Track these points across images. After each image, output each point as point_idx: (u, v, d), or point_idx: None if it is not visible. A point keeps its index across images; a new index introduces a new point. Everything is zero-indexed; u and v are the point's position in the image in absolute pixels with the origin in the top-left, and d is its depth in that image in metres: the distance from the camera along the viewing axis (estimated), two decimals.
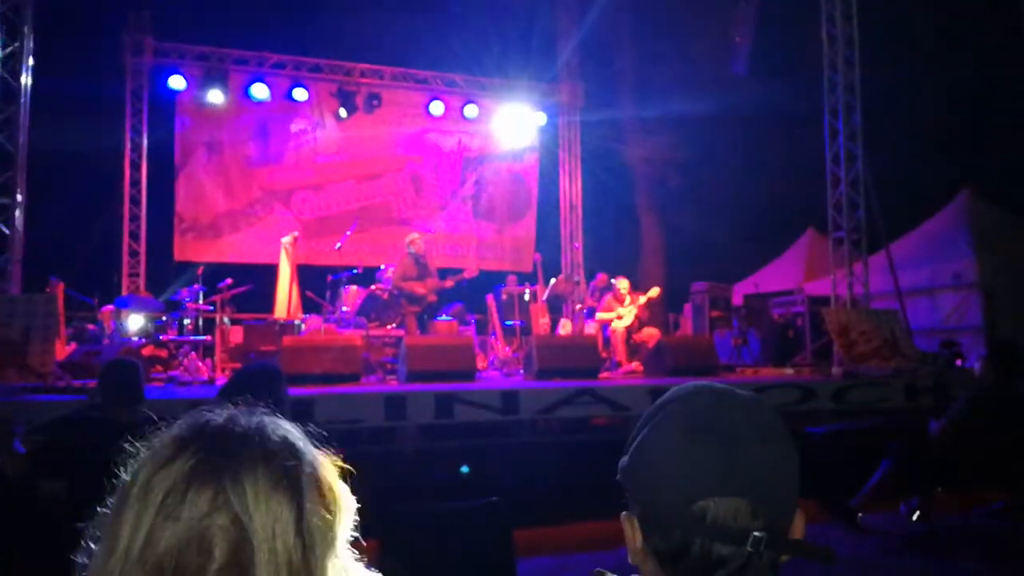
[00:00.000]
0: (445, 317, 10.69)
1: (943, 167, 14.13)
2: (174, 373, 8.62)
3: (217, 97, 12.74)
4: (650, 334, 10.00)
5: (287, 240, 11.42)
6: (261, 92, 12.97)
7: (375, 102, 13.62)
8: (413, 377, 7.67)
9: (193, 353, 9.36)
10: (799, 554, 0.97)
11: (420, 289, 9.39)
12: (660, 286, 10.85)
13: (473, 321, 11.30)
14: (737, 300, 13.10)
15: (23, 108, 8.22)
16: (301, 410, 6.12)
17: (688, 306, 13.37)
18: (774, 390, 7.58)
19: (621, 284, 10.37)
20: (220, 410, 0.94)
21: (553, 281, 11.52)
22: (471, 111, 14.18)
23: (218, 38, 13.21)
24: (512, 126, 14.60)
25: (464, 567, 3.17)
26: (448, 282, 9.68)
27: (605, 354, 9.98)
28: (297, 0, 14.75)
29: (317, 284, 10.92)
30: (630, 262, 16.53)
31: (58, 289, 9.22)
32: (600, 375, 8.54)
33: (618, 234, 17.56)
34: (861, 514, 5.82)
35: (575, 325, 11.38)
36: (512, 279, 12.31)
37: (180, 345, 9.43)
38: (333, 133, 13.86)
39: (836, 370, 9.22)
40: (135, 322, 9.24)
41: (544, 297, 11.33)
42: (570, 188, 15.43)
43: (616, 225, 17.59)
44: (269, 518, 0.84)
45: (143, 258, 12.52)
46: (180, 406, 5.80)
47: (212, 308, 9.77)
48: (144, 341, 9.17)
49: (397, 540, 3.11)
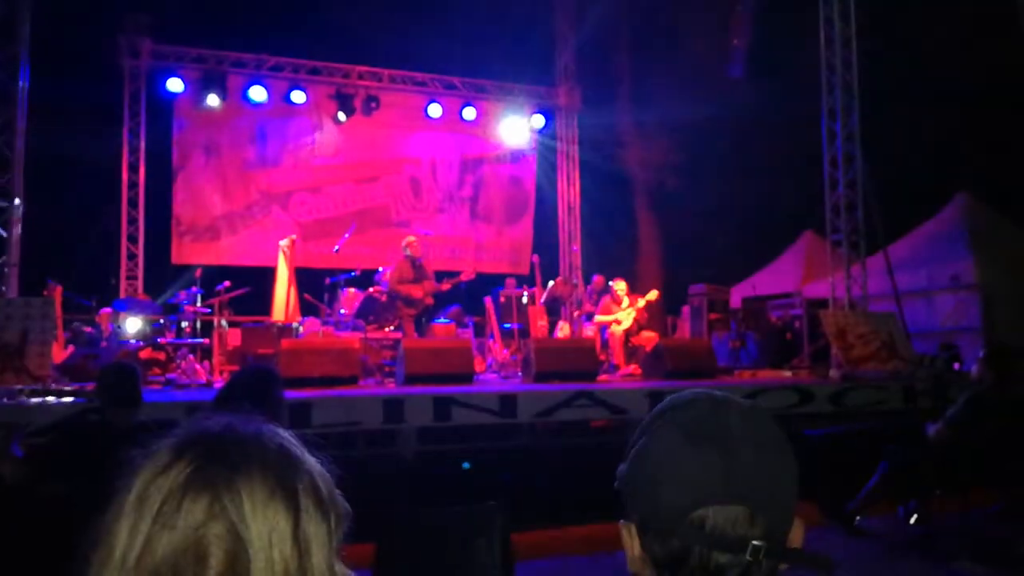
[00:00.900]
0: (443, 320, 10.69)
1: (941, 169, 14.15)
2: (172, 376, 8.61)
3: (215, 100, 12.74)
4: (648, 337, 10.01)
5: (285, 243, 11.42)
6: (259, 94, 12.97)
7: (373, 104, 13.62)
8: (411, 380, 7.67)
9: (191, 356, 9.35)
10: (797, 562, 0.97)
11: (417, 292, 9.39)
12: (658, 288, 10.85)
13: (471, 324, 11.30)
14: (735, 303, 13.12)
15: (20, 112, 8.22)
16: (299, 413, 6.13)
17: (686, 308, 13.39)
18: (772, 393, 7.58)
19: (619, 287, 10.37)
20: (217, 418, 0.94)
21: (551, 284, 11.52)
22: (469, 113, 14.19)
23: (216, 40, 13.20)
24: (510, 128, 14.63)
25: (462, 571, 3.17)
26: (445, 285, 9.69)
27: (603, 357, 9.98)
28: (295, 2, 14.72)
29: (315, 287, 10.92)
30: (628, 264, 16.53)
31: (56, 292, 9.21)
32: (598, 378, 8.54)
33: (616, 236, 17.56)
34: (859, 517, 5.82)
35: (573, 328, 11.38)
36: (510, 281, 12.31)
37: (178, 348, 9.42)
38: (331, 135, 13.87)
39: (834, 373, 9.23)
40: (133, 325, 9.22)
41: (542, 300, 11.33)
42: (568, 190, 15.44)
43: (614, 227, 17.58)
44: (265, 527, 0.84)
45: (141, 261, 12.52)
46: (178, 409, 5.81)
47: (210, 311, 9.76)
48: (142, 344, 9.16)
49: (394, 544, 3.11)
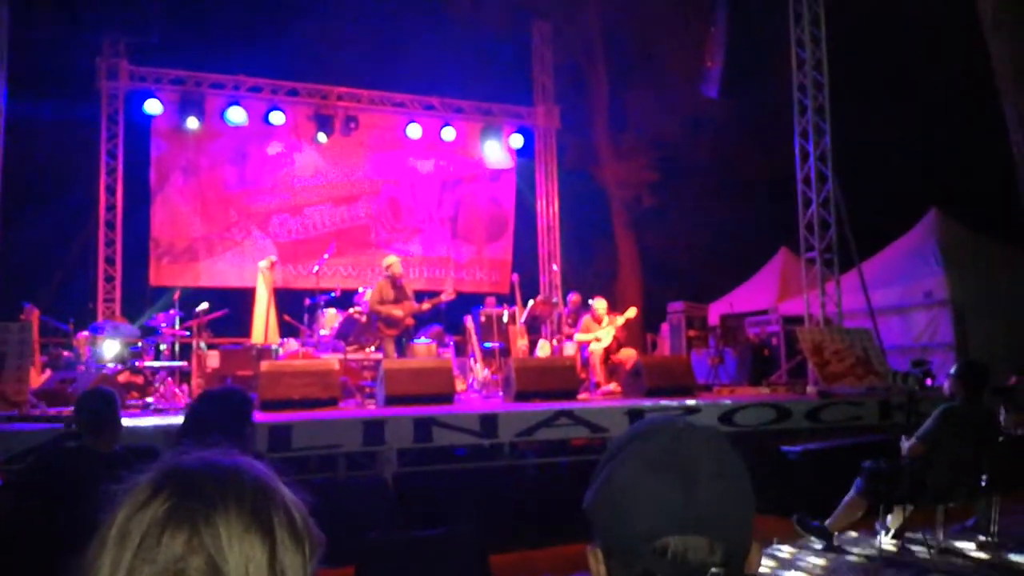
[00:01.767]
0: (423, 339, 10.69)
1: (912, 186, 14.39)
2: (150, 400, 8.55)
3: (193, 121, 12.74)
4: (628, 355, 10.06)
5: (264, 264, 11.40)
6: (238, 116, 12.98)
7: (352, 125, 13.68)
8: (391, 401, 7.68)
9: (169, 379, 9.30)
10: None
11: (398, 312, 9.40)
12: (637, 306, 10.95)
13: (452, 343, 11.31)
14: (713, 320, 13.24)
15: None
16: (278, 436, 6.12)
17: (665, 326, 13.49)
18: (750, 410, 7.65)
19: (598, 305, 10.43)
20: (195, 452, 0.98)
21: (531, 302, 11.57)
22: (448, 134, 14.28)
23: (194, 62, 13.22)
24: (489, 148, 14.73)
25: None
26: (425, 305, 9.70)
27: (583, 375, 10.03)
28: (273, 23, 14.78)
29: (295, 308, 10.91)
30: (607, 282, 16.66)
31: (33, 316, 9.14)
32: (579, 396, 8.58)
33: (595, 254, 17.70)
34: (836, 532, 5.89)
35: (554, 346, 11.42)
36: (490, 300, 12.35)
37: (156, 371, 9.37)
38: (310, 156, 13.90)
39: (811, 389, 9.33)
40: (111, 348, 9.17)
41: (522, 319, 11.36)
42: (547, 209, 15.54)
43: (593, 246, 17.73)
44: (242, 559, 0.88)
45: (119, 283, 12.44)
46: (157, 433, 5.78)
47: (189, 333, 9.72)
48: (120, 367, 9.10)
49: (373, 568, 3.13)
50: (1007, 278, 10.92)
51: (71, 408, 4.00)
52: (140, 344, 9.60)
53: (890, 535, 5.91)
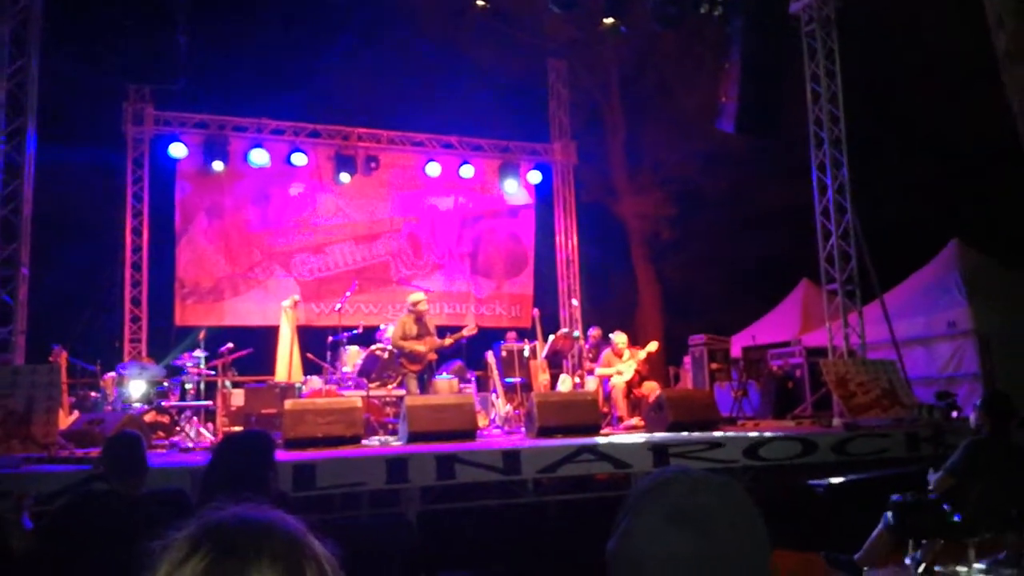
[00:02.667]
0: (445, 375, 10.73)
1: (933, 216, 14.34)
2: (176, 440, 8.62)
3: (217, 164, 12.98)
4: (651, 388, 10.04)
5: (287, 303, 11.53)
6: (260, 158, 13.21)
7: (373, 164, 13.88)
8: (414, 438, 7.69)
9: (195, 418, 9.38)
10: None
11: (421, 348, 9.45)
12: (658, 339, 10.93)
13: (473, 378, 11.33)
14: (735, 352, 13.17)
15: (27, 181, 8.36)
16: (302, 475, 6.15)
17: (687, 359, 13.43)
18: (776, 443, 7.58)
19: (619, 339, 10.43)
20: (231, 507, 1.02)
21: (552, 337, 11.58)
22: (467, 171, 14.43)
23: (218, 106, 13.49)
24: (507, 185, 14.88)
25: None
26: (448, 340, 9.74)
27: (606, 409, 10.00)
28: (295, 67, 15.09)
29: (318, 345, 10.99)
30: (628, 316, 16.65)
31: (61, 358, 9.27)
32: (601, 431, 8.56)
33: (615, 288, 17.71)
34: (866, 568, 5.81)
35: (575, 381, 11.41)
36: (511, 335, 12.38)
37: (182, 410, 9.45)
38: (332, 196, 14.09)
39: (836, 421, 9.23)
40: (137, 388, 9.27)
41: (544, 354, 11.37)
42: (566, 244, 15.62)
43: (613, 279, 17.75)
44: None
45: (144, 323, 12.60)
46: (183, 474, 5.83)
47: (214, 372, 9.81)
48: (146, 407, 9.20)
49: None
50: None
51: (99, 448, 4.05)
52: (166, 384, 9.71)
53: (921, 569, 5.82)
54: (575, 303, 14.53)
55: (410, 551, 5.90)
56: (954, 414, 5.61)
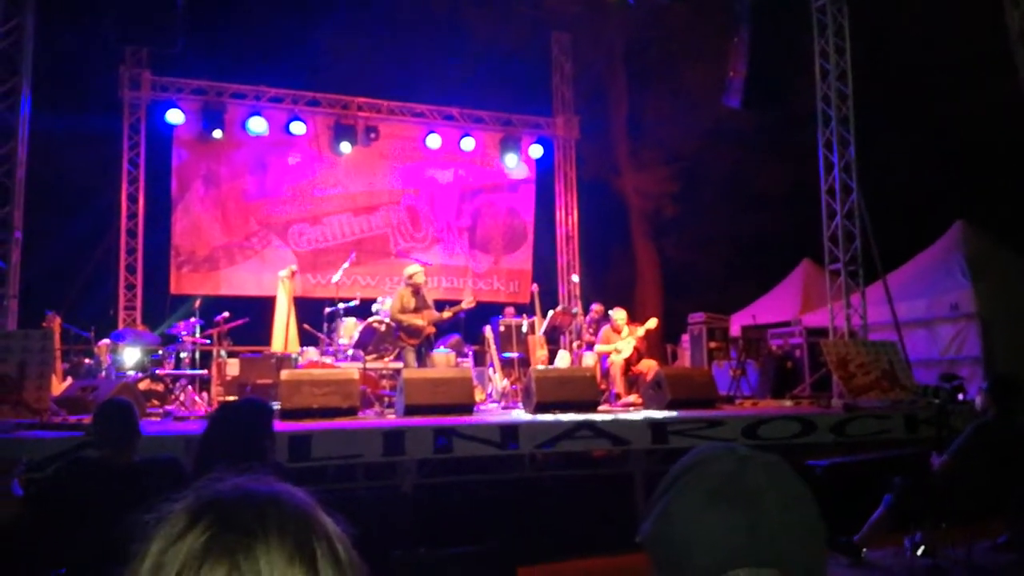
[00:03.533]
0: (443, 349, 10.64)
1: (938, 197, 14.22)
2: (170, 408, 8.54)
3: (216, 132, 12.80)
4: (649, 366, 9.97)
5: (284, 273, 11.42)
6: (259, 126, 13.04)
7: (372, 135, 13.72)
8: (411, 411, 7.62)
9: (190, 387, 9.30)
10: None
11: (419, 321, 9.35)
12: (657, 317, 10.84)
13: (471, 353, 11.26)
14: (735, 331, 13.10)
15: (21, 143, 8.23)
16: (298, 445, 6.08)
17: (686, 337, 13.37)
18: (774, 423, 7.53)
19: (618, 316, 10.35)
20: (231, 478, 0.92)
21: (551, 313, 11.50)
22: (468, 144, 14.28)
23: (215, 72, 13.30)
24: (508, 158, 14.72)
25: None
26: (446, 314, 9.65)
27: (603, 386, 9.94)
28: (294, 34, 14.85)
29: (314, 317, 10.89)
30: (627, 293, 16.56)
31: (55, 323, 9.17)
32: (599, 407, 8.49)
33: (615, 265, 17.61)
34: (865, 549, 5.77)
35: (573, 357, 11.34)
36: (509, 310, 12.30)
37: (176, 379, 9.37)
38: (330, 166, 13.94)
39: (836, 402, 9.19)
40: (131, 356, 9.19)
41: (542, 329, 11.29)
42: (566, 219, 15.50)
43: (612, 256, 17.64)
44: None
45: (139, 291, 12.51)
46: (177, 442, 5.75)
47: (209, 341, 9.72)
48: (141, 375, 9.11)
49: None
50: None
51: (91, 416, 3.97)
52: (160, 352, 9.61)
53: (920, 551, 5.78)
54: (575, 279, 14.45)
55: (406, 523, 5.85)
56: (960, 396, 5.54)
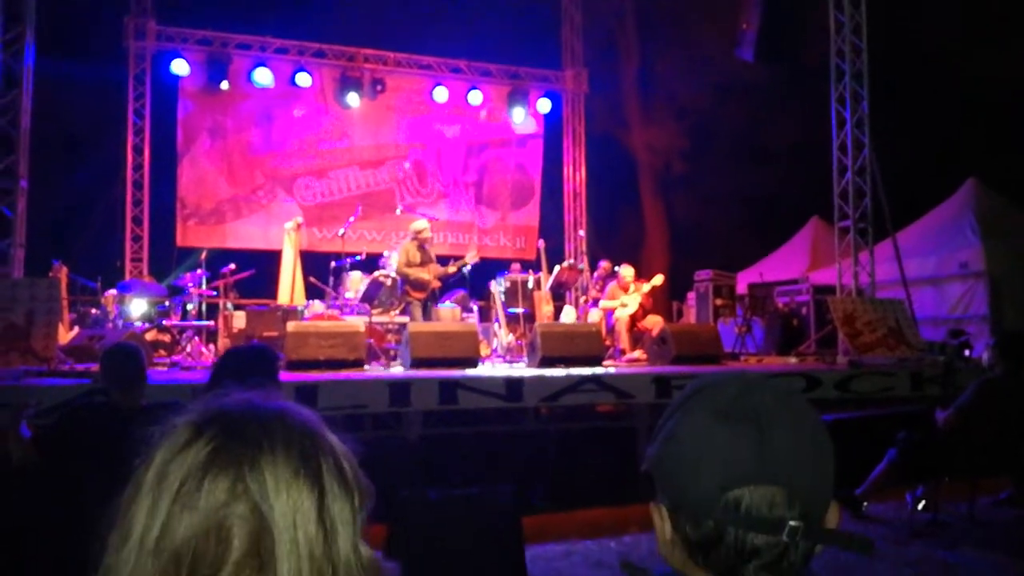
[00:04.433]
0: (448, 304, 10.65)
1: (950, 155, 14.06)
2: (177, 358, 8.59)
3: (221, 83, 12.69)
4: (654, 322, 9.96)
5: (290, 225, 11.40)
6: (264, 77, 12.92)
7: (379, 88, 13.57)
8: (417, 364, 7.64)
9: (196, 338, 9.34)
10: (836, 544, 0.94)
11: (426, 275, 9.35)
12: (664, 274, 10.81)
13: (476, 308, 11.27)
14: (741, 288, 13.07)
15: (25, 92, 8.17)
16: (304, 396, 6.11)
17: (692, 294, 13.35)
18: (780, 379, 7.53)
19: (625, 272, 10.33)
20: (237, 394, 0.91)
21: (557, 269, 11.47)
22: (475, 97, 14.12)
23: (221, 22, 13.14)
24: (516, 113, 14.56)
25: (472, 554, 3.15)
26: (451, 268, 9.64)
27: (609, 342, 9.95)
28: None
29: (320, 270, 10.89)
30: (634, 249, 16.49)
31: (61, 273, 9.20)
32: (604, 363, 8.51)
33: (622, 221, 17.51)
34: (867, 503, 5.81)
35: (579, 313, 11.34)
36: (516, 266, 12.27)
37: (183, 330, 9.41)
38: (336, 119, 13.82)
39: (841, 359, 9.19)
40: (138, 307, 9.22)
41: (548, 285, 11.28)
42: (574, 175, 15.39)
43: (620, 212, 17.53)
44: (290, 507, 0.82)
45: (146, 243, 12.52)
46: (184, 390, 5.79)
47: (215, 293, 9.74)
48: (147, 326, 9.15)
49: (405, 526, 3.09)
50: None
51: (99, 360, 3.99)
52: (167, 303, 9.65)
53: (921, 506, 5.83)
54: (581, 234, 14.39)
55: (412, 470, 5.91)
56: (966, 352, 5.52)
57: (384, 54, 13.87)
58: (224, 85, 12.75)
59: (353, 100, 13.38)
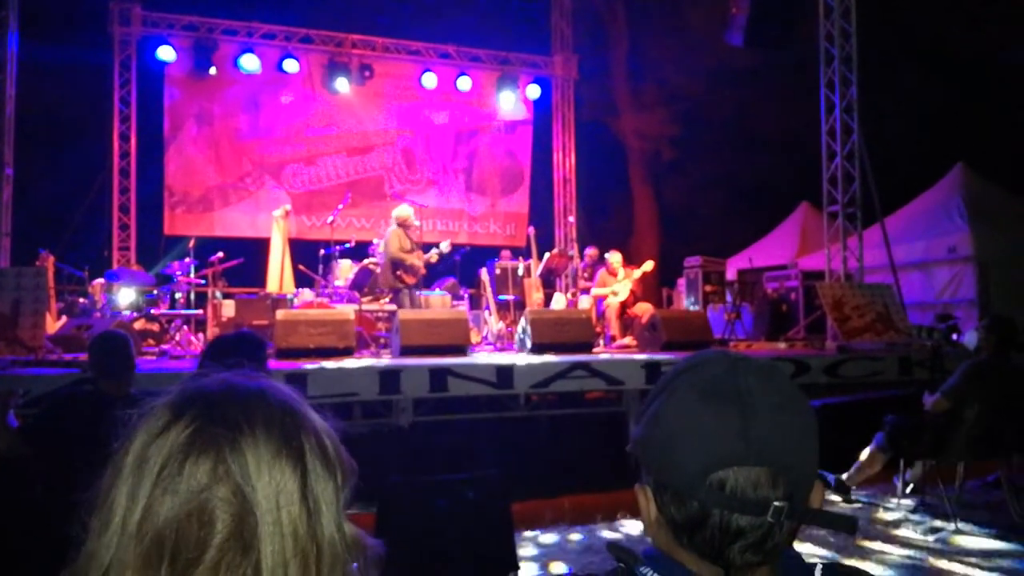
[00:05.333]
0: (438, 291, 10.64)
1: (938, 140, 14.10)
2: (166, 347, 8.55)
3: (206, 68, 12.57)
4: (644, 309, 9.98)
5: (279, 213, 11.35)
6: (251, 63, 12.81)
7: (367, 74, 13.47)
8: (407, 351, 7.64)
9: (185, 327, 9.30)
10: (820, 523, 0.94)
11: (418, 262, 9.31)
12: (654, 260, 10.82)
13: (467, 296, 11.26)
14: (731, 275, 13.10)
15: (10, 78, 8.10)
16: (294, 384, 6.09)
17: (682, 280, 13.38)
18: (763, 358, 7.56)
19: (614, 258, 10.34)
20: (216, 375, 0.90)
21: (547, 256, 11.47)
22: (464, 83, 14.04)
23: (207, 7, 13.01)
24: (505, 99, 14.49)
25: (462, 539, 3.16)
26: (433, 257, 9.56)
27: (599, 328, 9.96)
28: None
29: (309, 258, 10.86)
30: (624, 236, 16.51)
31: (48, 262, 9.13)
32: (594, 349, 8.52)
33: (612, 208, 17.52)
34: (855, 487, 5.85)
35: (569, 300, 11.35)
36: (505, 253, 12.26)
37: (172, 319, 9.37)
38: (324, 106, 13.73)
39: (830, 344, 9.23)
40: (126, 296, 9.16)
41: (538, 272, 11.27)
42: (563, 162, 15.35)
43: (610, 199, 17.54)
44: (272, 488, 0.81)
45: (133, 231, 12.43)
46: (173, 379, 5.77)
47: (204, 282, 9.69)
48: (136, 315, 9.10)
49: (394, 512, 3.09)
50: None
51: (88, 347, 3.96)
52: (155, 292, 9.60)
53: (909, 489, 5.87)
54: (571, 220, 14.38)
55: (402, 457, 5.91)
56: (954, 336, 5.54)
57: (372, 39, 13.77)
58: (213, 70, 12.62)
59: (341, 86, 13.28)
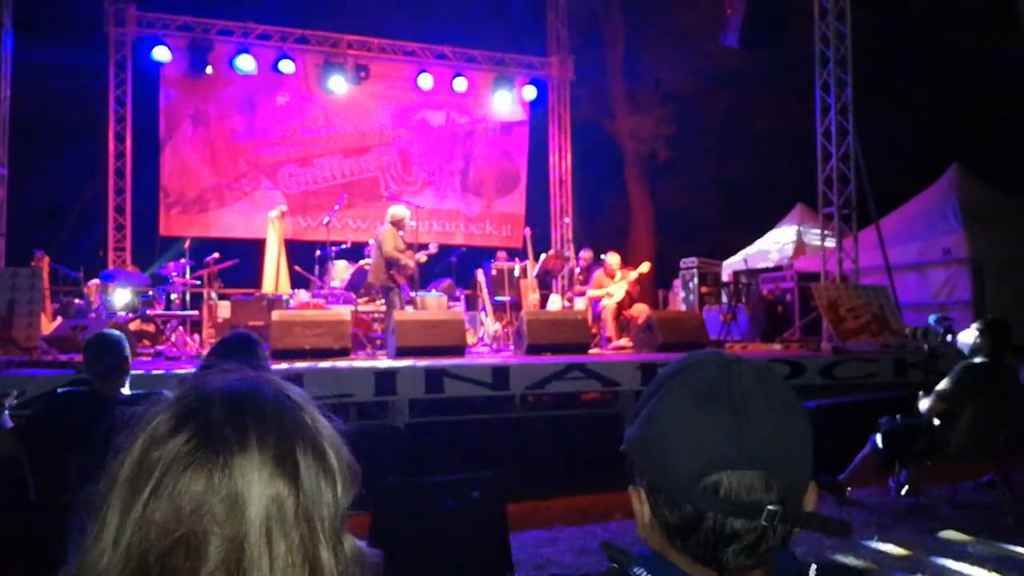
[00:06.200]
0: (435, 293, 10.63)
1: (933, 142, 14.13)
2: (162, 348, 8.54)
3: (202, 69, 12.55)
4: (640, 310, 9.98)
5: (274, 214, 11.34)
6: (247, 64, 12.77)
7: (363, 74, 13.44)
8: (403, 352, 7.64)
9: (181, 328, 9.29)
10: (814, 527, 0.94)
11: (412, 261, 9.31)
12: (650, 261, 10.83)
13: (463, 297, 11.26)
14: (726, 276, 13.11)
15: (5, 79, 8.08)
16: None
17: (677, 282, 13.38)
18: (757, 360, 7.57)
19: (611, 260, 10.34)
20: (214, 379, 0.89)
21: (543, 257, 11.47)
22: (460, 84, 14.03)
23: (202, 8, 13.00)
24: (501, 100, 14.49)
25: (457, 540, 3.16)
26: (422, 257, 9.56)
27: (595, 330, 9.97)
28: None
29: (305, 259, 10.85)
30: (620, 237, 16.53)
31: (43, 263, 9.12)
32: (590, 350, 8.53)
33: (608, 209, 17.54)
34: (850, 488, 5.86)
35: (565, 301, 11.35)
36: (501, 254, 12.26)
37: (167, 320, 9.35)
38: (320, 107, 13.72)
39: (825, 345, 9.24)
40: (121, 296, 9.14)
41: (534, 273, 11.28)
42: (559, 163, 15.35)
43: (606, 200, 17.56)
44: (267, 498, 0.81)
45: (129, 232, 12.41)
46: (168, 380, 5.76)
47: (199, 283, 9.68)
48: (131, 316, 9.08)
49: (389, 514, 3.09)
50: None
51: (83, 347, 3.95)
52: (151, 293, 9.58)
53: (904, 491, 5.88)
54: (567, 221, 14.38)
55: (399, 459, 5.90)
56: (949, 338, 5.55)
57: (368, 40, 13.76)
58: (209, 70, 12.60)
59: (337, 86, 13.25)
